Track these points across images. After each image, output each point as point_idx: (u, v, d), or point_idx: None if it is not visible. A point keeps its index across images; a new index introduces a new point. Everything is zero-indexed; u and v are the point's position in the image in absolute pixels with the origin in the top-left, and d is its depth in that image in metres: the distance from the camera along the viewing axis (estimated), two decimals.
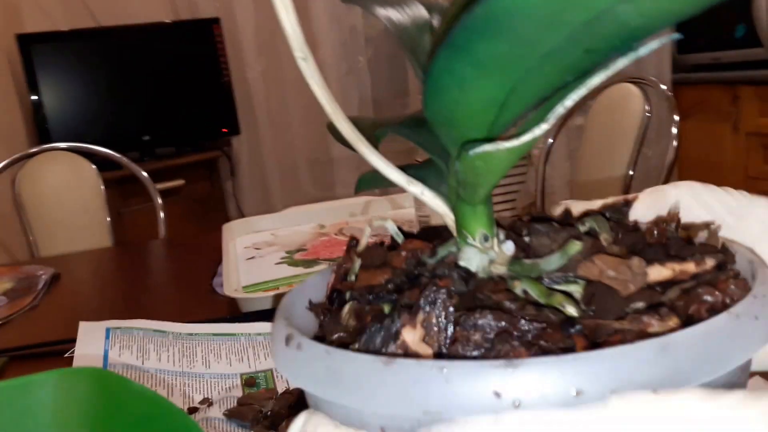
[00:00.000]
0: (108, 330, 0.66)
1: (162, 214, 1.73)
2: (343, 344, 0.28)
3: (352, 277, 0.33)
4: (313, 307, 0.32)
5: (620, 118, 1.77)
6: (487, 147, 0.26)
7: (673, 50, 2.97)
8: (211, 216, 2.61)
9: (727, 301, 0.27)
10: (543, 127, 0.26)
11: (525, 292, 0.28)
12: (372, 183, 0.40)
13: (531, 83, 0.26)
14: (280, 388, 0.55)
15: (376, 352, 0.26)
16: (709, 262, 0.30)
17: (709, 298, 0.27)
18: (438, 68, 0.27)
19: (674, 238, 0.33)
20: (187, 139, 2.67)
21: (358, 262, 0.33)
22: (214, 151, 2.73)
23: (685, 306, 0.28)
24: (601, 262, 0.29)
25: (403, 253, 0.32)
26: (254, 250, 1.01)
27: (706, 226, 0.34)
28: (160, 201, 1.74)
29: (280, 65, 2.71)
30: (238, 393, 0.54)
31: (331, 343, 0.27)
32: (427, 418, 0.23)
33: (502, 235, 0.32)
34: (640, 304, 0.28)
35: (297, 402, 0.50)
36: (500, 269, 0.30)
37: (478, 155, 0.26)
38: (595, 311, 0.27)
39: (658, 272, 0.30)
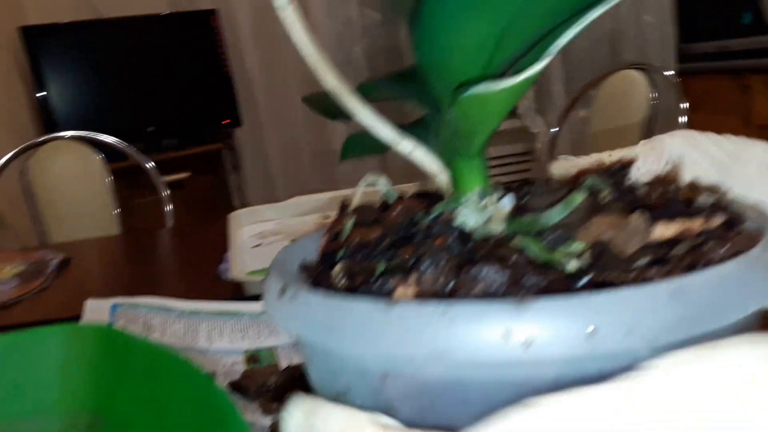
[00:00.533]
0: (114, 306, 0.67)
1: (169, 206, 1.72)
2: None
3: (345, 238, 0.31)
4: (304, 267, 0.31)
5: (625, 107, 1.74)
6: (483, 87, 0.25)
7: (677, 39, 2.87)
8: (216, 208, 2.60)
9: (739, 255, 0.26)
10: (540, 65, 0.25)
11: (522, 251, 0.27)
12: (359, 146, 0.39)
13: (525, 21, 0.25)
14: (282, 365, 0.55)
15: None
16: (717, 220, 0.29)
17: (720, 252, 0.26)
18: (429, 9, 0.26)
19: (675, 200, 0.32)
20: (190, 131, 2.69)
21: (350, 221, 0.31)
22: (218, 143, 2.74)
23: (693, 261, 0.26)
24: (600, 223, 0.28)
25: (397, 210, 0.31)
26: (260, 239, 1.01)
27: (710, 188, 0.33)
28: (166, 192, 1.74)
29: (279, 55, 2.72)
30: (242, 368, 0.54)
31: None
32: (433, 359, 0.22)
33: (499, 193, 0.31)
34: (645, 260, 0.26)
35: (301, 376, 0.49)
36: (498, 227, 0.29)
37: (474, 97, 0.25)
38: (598, 268, 0.26)
39: (662, 230, 0.28)
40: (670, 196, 0.32)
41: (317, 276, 0.30)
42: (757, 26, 2.42)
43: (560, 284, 0.24)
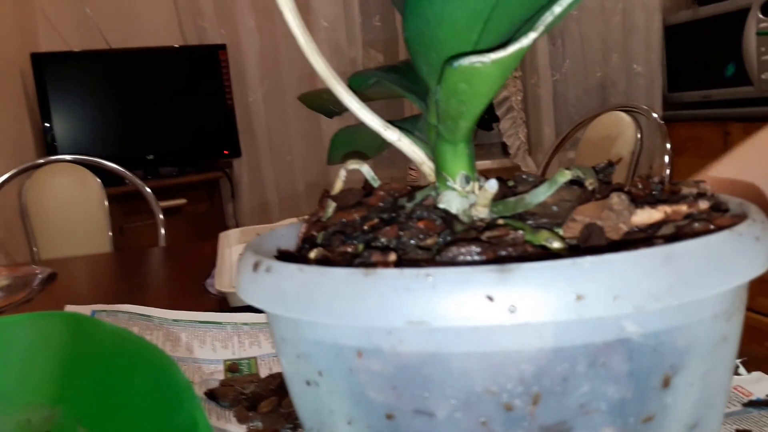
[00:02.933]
0: (93, 312, 0.65)
1: (162, 230, 1.74)
2: None
3: None
4: (281, 254, 0.30)
5: (612, 146, 1.76)
6: (473, 59, 0.24)
7: (664, 88, 3.05)
8: (211, 235, 2.60)
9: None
10: (531, 36, 0.24)
11: (507, 233, 0.26)
12: (347, 142, 0.38)
13: None
14: (263, 374, 0.54)
15: None
16: (703, 204, 0.28)
17: (709, 227, 0.25)
18: None
19: (660, 191, 0.31)
20: (189, 160, 2.74)
21: (331, 207, 0.31)
22: (216, 171, 2.79)
23: (682, 236, 0.26)
24: (586, 209, 0.27)
25: (380, 193, 0.30)
26: None
27: (694, 182, 0.32)
28: (161, 216, 1.76)
29: (282, 91, 2.80)
30: (221, 377, 0.53)
31: None
32: (413, 329, 0.21)
33: (483, 179, 0.30)
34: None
35: (279, 386, 0.48)
36: (482, 212, 0.28)
37: (463, 70, 0.25)
38: (584, 248, 0.25)
39: (648, 215, 0.28)
40: (654, 188, 0.32)
41: (296, 259, 0.29)
42: (740, 78, 2.53)
43: (543, 257, 0.23)
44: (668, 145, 1.64)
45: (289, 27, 0.29)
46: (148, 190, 1.79)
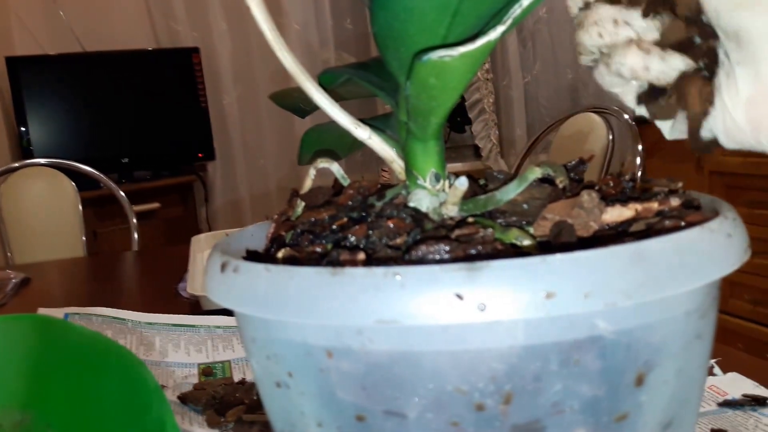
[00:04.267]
0: (66, 316, 0.64)
1: (136, 235, 1.72)
2: None
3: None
4: (249, 254, 0.30)
5: (584, 147, 1.77)
6: (441, 52, 0.24)
7: None
8: (184, 239, 2.59)
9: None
10: (499, 30, 0.24)
11: (477, 231, 0.26)
12: (317, 141, 0.38)
13: None
14: (237, 378, 0.54)
15: None
16: (674, 202, 0.28)
17: (680, 224, 0.25)
18: None
19: (631, 189, 0.31)
20: (164, 163, 2.71)
21: (300, 206, 0.30)
22: (190, 175, 2.77)
23: (653, 233, 0.25)
24: (556, 207, 0.27)
25: (349, 192, 0.29)
26: None
27: (666, 181, 0.32)
28: (135, 221, 1.74)
29: (255, 93, 2.78)
30: (195, 381, 0.53)
31: None
32: (382, 328, 0.20)
33: (453, 177, 0.30)
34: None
35: (250, 389, 0.48)
36: (452, 210, 0.28)
37: (433, 64, 0.24)
38: (554, 246, 0.25)
39: (619, 213, 0.27)
40: (625, 186, 0.31)
41: (264, 259, 0.28)
42: None
43: (512, 254, 0.23)
44: (640, 147, 1.65)
45: (257, 22, 0.28)
46: (122, 193, 1.77)
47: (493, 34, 0.24)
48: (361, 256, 0.25)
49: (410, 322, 0.20)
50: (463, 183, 0.27)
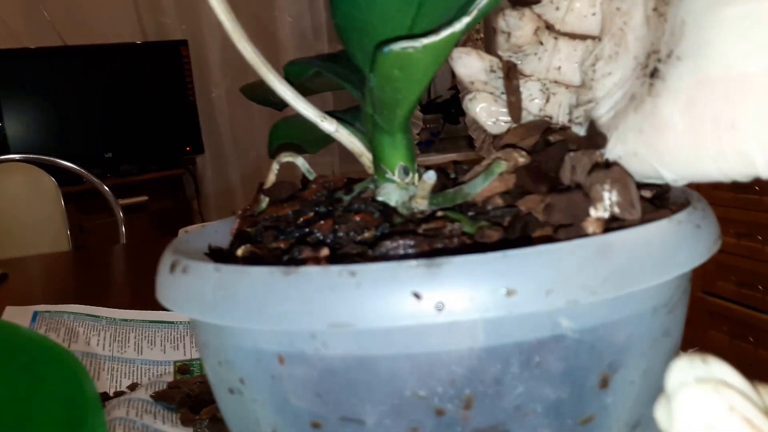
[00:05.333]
0: (36, 313, 0.63)
1: (123, 228, 1.70)
2: None
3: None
4: (212, 251, 0.29)
5: None
6: (404, 44, 0.23)
7: None
8: (175, 232, 2.57)
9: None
10: (464, 21, 0.23)
11: (445, 225, 0.25)
12: (286, 134, 0.37)
13: None
14: None
15: None
16: (645, 192, 0.27)
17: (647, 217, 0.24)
18: None
19: None
20: (150, 157, 2.68)
21: (265, 201, 0.29)
22: (178, 168, 2.75)
23: (620, 226, 0.25)
24: (526, 205, 0.26)
25: (313, 186, 0.28)
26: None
27: None
28: (121, 215, 1.72)
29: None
30: (170, 379, 0.52)
31: None
32: (337, 331, 0.20)
33: (423, 170, 0.29)
34: None
35: None
36: (422, 204, 0.27)
37: (396, 56, 0.23)
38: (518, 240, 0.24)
39: None
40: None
41: (225, 258, 0.28)
42: None
43: (479, 249, 0.22)
44: None
45: (215, 12, 0.27)
46: (106, 188, 1.76)
47: (458, 26, 0.23)
48: (325, 251, 0.24)
49: (365, 324, 0.19)
50: (431, 176, 0.27)
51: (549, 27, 0.30)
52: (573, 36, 0.30)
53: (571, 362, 0.20)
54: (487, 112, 0.32)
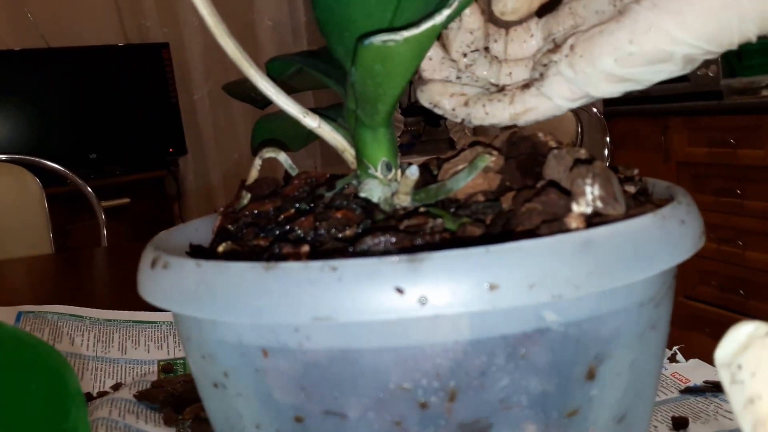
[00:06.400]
0: (20, 314, 0.63)
1: (105, 231, 1.68)
2: None
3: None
4: (193, 249, 0.28)
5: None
6: (384, 37, 0.23)
7: None
8: (155, 234, 2.56)
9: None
10: (444, 14, 0.23)
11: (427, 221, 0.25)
12: (269, 131, 0.37)
13: None
14: None
15: None
16: (628, 188, 0.27)
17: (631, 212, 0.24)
18: None
19: None
20: (134, 158, 2.68)
21: (246, 197, 0.29)
22: (161, 170, 2.74)
23: (603, 221, 0.25)
24: (507, 201, 0.26)
25: (295, 182, 0.28)
26: None
27: (622, 168, 0.31)
28: (103, 217, 1.70)
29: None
30: (154, 378, 0.52)
31: None
32: (319, 325, 0.19)
33: (406, 166, 0.29)
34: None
35: None
36: (404, 200, 0.27)
37: (377, 49, 0.23)
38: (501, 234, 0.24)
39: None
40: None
41: (206, 256, 0.27)
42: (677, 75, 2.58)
43: (461, 244, 0.22)
44: (608, 139, 1.67)
45: (197, 8, 0.27)
46: (90, 189, 1.74)
47: (439, 18, 0.23)
48: (306, 248, 0.24)
49: (347, 318, 0.19)
50: (413, 172, 0.26)
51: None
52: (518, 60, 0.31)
53: (557, 355, 0.20)
54: (447, 100, 0.31)
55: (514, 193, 0.26)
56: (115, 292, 0.92)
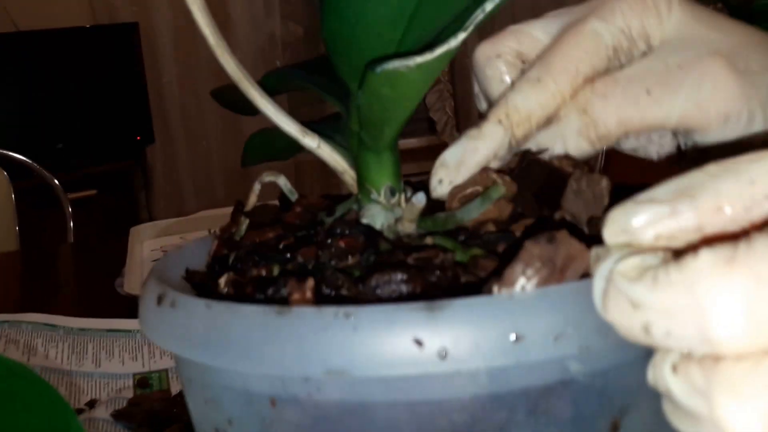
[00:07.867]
0: None
1: (71, 224, 1.64)
2: None
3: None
4: (189, 275, 0.27)
5: None
6: (396, 63, 0.22)
7: None
8: (123, 227, 2.50)
9: None
10: (460, 37, 0.22)
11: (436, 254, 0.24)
12: (261, 147, 0.35)
13: None
14: (174, 390, 0.51)
15: None
16: None
17: None
18: None
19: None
20: (102, 147, 2.55)
21: (245, 224, 0.28)
22: (128, 160, 2.62)
23: None
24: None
25: (298, 209, 0.27)
26: (161, 253, 0.94)
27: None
28: (70, 210, 1.66)
29: (197, 72, 2.61)
30: (129, 394, 0.51)
31: None
32: (332, 377, 0.18)
33: (410, 191, 0.28)
34: None
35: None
36: (409, 227, 0.26)
37: (386, 75, 0.22)
38: None
39: None
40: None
41: (204, 285, 0.26)
42: None
43: (479, 286, 0.21)
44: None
45: (199, 26, 0.26)
46: (57, 182, 1.70)
47: (454, 42, 0.22)
48: (311, 283, 0.22)
49: (362, 373, 0.18)
50: (420, 200, 0.25)
51: None
52: None
53: (581, 407, 0.19)
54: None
55: (527, 221, 0.25)
56: (83, 293, 0.91)
